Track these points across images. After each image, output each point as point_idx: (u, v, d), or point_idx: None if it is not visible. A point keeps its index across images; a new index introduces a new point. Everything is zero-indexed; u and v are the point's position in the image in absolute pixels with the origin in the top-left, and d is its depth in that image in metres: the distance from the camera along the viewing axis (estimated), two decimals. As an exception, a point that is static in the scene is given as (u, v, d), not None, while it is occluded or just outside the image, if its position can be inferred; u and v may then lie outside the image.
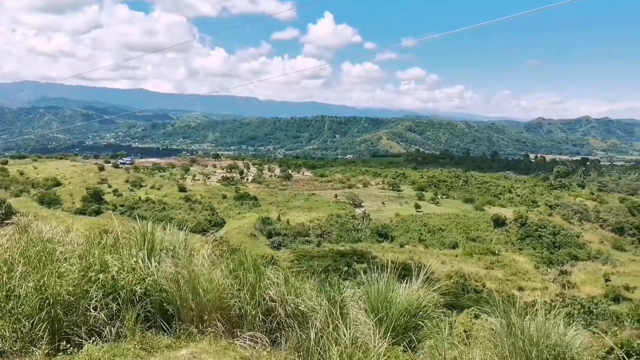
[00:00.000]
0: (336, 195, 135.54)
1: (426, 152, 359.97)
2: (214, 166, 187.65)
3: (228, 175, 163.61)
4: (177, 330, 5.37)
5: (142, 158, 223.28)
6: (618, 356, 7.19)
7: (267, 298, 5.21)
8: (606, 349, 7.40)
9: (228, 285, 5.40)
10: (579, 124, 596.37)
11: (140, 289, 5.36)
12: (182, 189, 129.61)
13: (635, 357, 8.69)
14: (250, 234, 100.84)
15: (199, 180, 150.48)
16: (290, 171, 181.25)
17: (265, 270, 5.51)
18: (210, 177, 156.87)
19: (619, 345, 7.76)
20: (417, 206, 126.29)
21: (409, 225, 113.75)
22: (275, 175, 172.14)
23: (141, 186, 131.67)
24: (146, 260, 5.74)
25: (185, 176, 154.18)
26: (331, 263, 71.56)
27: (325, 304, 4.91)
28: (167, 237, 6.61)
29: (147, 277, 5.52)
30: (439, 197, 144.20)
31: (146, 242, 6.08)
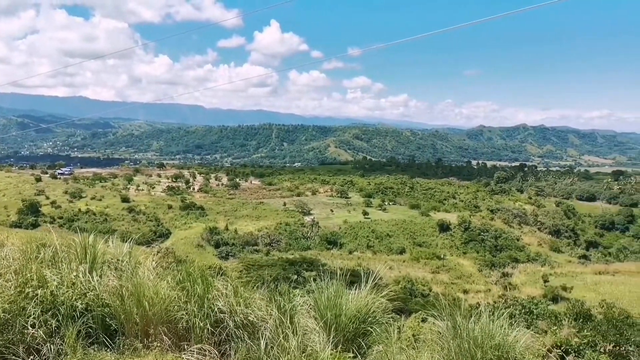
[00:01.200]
0: (285, 204, 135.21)
1: (373, 159, 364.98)
2: (159, 176, 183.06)
3: (173, 184, 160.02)
4: (121, 345, 5.18)
5: (82, 168, 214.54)
6: (557, 354, 7.50)
7: (216, 309, 5.12)
8: (546, 347, 7.71)
9: (175, 298, 5.27)
10: (517, 132, 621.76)
11: (82, 304, 5.15)
12: (125, 200, 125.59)
13: (573, 354, 9.10)
14: (197, 244, 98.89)
15: (142, 190, 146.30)
16: (237, 180, 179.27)
17: (213, 281, 5.41)
18: (154, 187, 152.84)
19: (558, 344, 8.12)
20: (365, 213, 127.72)
21: (357, 232, 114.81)
22: (222, 184, 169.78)
23: (81, 197, 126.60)
24: (87, 274, 5.51)
25: (128, 186, 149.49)
26: (280, 272, 71.10)
27: (275, 313, 4.88)
28: (110, 249, 6.39)
29: (88, 292, 5.30)
30: (386, 203, 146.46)
31: (87, 256, 5.84)
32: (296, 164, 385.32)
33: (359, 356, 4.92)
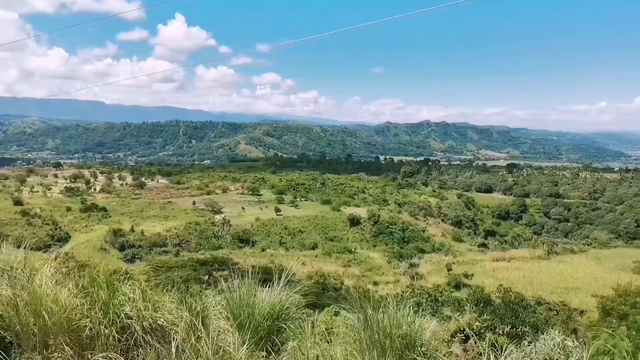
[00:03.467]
0: (194, 203, 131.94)
1: (284, 156, 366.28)
2: (56, 176, 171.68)
3: (72, 185, 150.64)
4: (17, 359, 4.82)
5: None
6: (460, 339, 7.94)
7: (122, 315, 4.89)
8: (450, 332, 8.14)
9: (77, 305, 4.96)
10: (421, 128, 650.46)
11: (-31, 318, 4.72)
12: (17, 203, 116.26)
13: (474, 338, 9.67)
14: (100, 247, 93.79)
15: (37, 192, 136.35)
16: (143, 179, 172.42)
17: (119, 285, 5.16)
18: (51, 188, 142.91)
19: (461, 329, 8.59)
20: (277, 210, 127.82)
21: (269, 229, 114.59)
22: (126, 184, 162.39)
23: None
24: (-25, 285, 5.06)
25: (21, 188, 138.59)
26: (191, 273, 69.41)
27: (186, 315, 4.75)
28: (2, 256, 5.90)
29: (-23, 304, 4.87)
30: (298, 200, 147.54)
31: (-25, 265, 5.36)
32: (205, 161, 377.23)
33: (273, 353, 4.92)
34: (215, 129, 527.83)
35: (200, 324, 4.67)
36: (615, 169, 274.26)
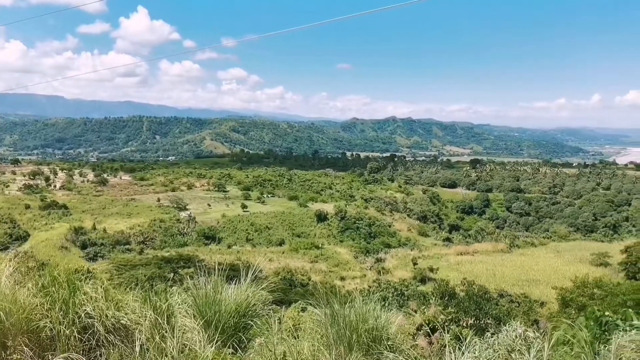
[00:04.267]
0: (159, 199, 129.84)
1: (251, 152, 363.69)
2: (13, 173, 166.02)
3: (31, 182, 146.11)
4: (-27, 363, 4.66)
5: None
6: (426, 332, 8.06)
7: (83, 315, 4.77)
8: (416, 326, 8.25)
9: (37, 305, 4.82)
10: (387, 124, 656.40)
11: None
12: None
13: (439, 330, 9.86)
14: (61, 246, 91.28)
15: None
16: (105, 176, 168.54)
17: (81, 284, 5.03)
18: (9, 186, 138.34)
19: (426, 322, 8.72)
20: (244, 206, 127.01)
21: (236, 225, 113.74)
22: (88, 181, 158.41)
23: None
24: None
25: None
26: (156, 271, 68.25)
27: (151, 314, 4.67)
28: (-45, 257, 5.68)
29: None
30: (265, 196, 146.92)
31: None
32: (170, 157, 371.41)
33: (240, 350, 4.89)
34: (180, 125, 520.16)
35: (165, 322, 4.61)
36: (574, 164, 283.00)
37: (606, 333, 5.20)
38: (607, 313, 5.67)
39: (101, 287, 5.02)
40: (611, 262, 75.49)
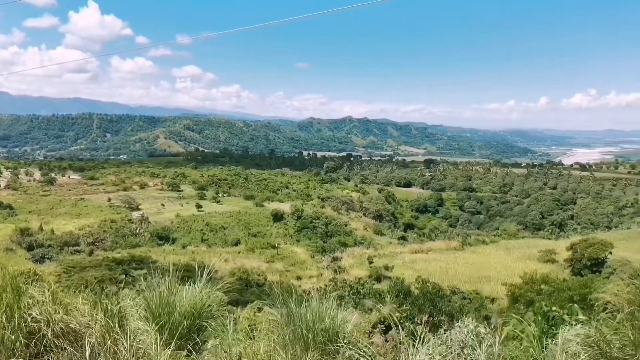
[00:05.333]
0: (110, 199, 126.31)
1: (206, 150, 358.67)
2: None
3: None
4: None
5: None
6: (381, 329, 8.16)
7: (30, 319, 4.58)
8: (372, 324, 8.35)
9: (-22, 311, 4.60)
10: (344, 124, 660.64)
11: None
12: None
13: (394, 328, 10.02)
14: (6, 248, 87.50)
15: None
16: (53, 175, 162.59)
17: (27, 287, 4.83)
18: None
19: (382, 320, 8.84)
20: (199, 206, 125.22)
21: (190, 225, 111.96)
22: (34, 180, 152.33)
23: None
24: None
25: None
26: (107, 273, 66.35)
27: (102, 318, 4.53)
28: None
29: None
30: (221, 195, 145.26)
31: None
32: (122, 156, 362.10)
33: (195, 353, 4.81)
34: (132, 123, 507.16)
35: (117, 326, 4.48)
36: (523, 165, 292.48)
37: (553, 327, 5.40)
38: (554, 308, 5.90)
39: (49, 290, 4.84)
40: (558, 258, 78.57)
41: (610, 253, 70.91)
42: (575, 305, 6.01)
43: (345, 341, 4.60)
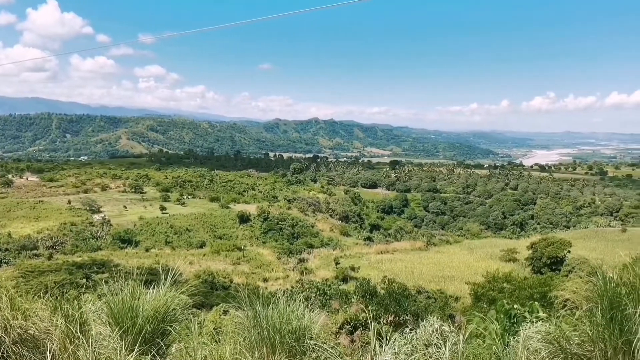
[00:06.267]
0: (69, 202, 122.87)
1: (170, 152, 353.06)
2: None
3: None
4: None
5: None
6: (348, 330, 8.21)
7: (-15, 327, 4.43)
8: (339, 324, 8.38)
9: None
10: (310, 125, 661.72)
11: None
12: None
13: (361, 328, 10.08)
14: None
15: None
16: (10, 176, 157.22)
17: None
18: None
19: (349, 320, 8.89)
20: (163, 208, 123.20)
21: (154, 228, 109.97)
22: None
23: None
24: None
25: None
26: (67, 277, 64.60)
27: (62, 323, 4.41)
28: None
29: None
30: (185, 197, 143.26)
31: None
32: (82, 157, 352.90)
33: (159, 357, 4.73)
34: (93, 123, 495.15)
35: (78, 331, 4.37)
36: (485, 166, 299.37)
37: (515, 325, 5.55)
38: (515, 306, 6.05)
39: (6, 295, 4.69)
40: (519, 257, 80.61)
41: (569, 251, 73.22)
42: (536, 303, 6.19)
43: (312, 342, 4.60)
